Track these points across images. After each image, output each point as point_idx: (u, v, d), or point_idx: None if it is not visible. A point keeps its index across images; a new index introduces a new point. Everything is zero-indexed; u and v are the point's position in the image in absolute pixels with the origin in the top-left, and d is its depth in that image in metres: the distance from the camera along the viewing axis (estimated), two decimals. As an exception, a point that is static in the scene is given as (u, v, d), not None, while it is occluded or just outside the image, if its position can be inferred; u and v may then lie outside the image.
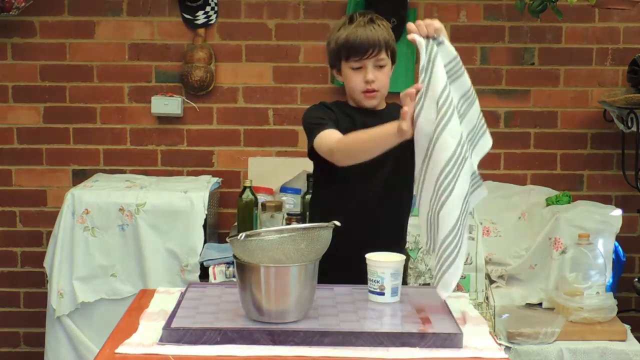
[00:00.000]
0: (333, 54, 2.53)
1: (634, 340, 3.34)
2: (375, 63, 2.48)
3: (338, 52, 2.50)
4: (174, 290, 2.38)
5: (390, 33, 2.52)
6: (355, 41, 2.46)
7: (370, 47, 2.45)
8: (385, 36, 2.48)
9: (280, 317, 1.98)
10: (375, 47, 2.45)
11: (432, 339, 1.93)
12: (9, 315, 4.13)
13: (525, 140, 4.07)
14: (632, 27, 4.02)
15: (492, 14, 4.01)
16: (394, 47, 2.52)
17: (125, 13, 4.00)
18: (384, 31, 2.49)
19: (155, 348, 1.91)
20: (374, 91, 2.49)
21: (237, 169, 4.07)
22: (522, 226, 3.83)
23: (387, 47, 2.48)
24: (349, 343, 1.92)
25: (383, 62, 2.48)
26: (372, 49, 2.45)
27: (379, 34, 2.46)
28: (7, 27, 3.97)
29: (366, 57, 2.46)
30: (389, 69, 2.52)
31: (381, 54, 2.47)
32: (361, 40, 2.45)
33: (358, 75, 2.49)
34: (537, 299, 3.56)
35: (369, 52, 2.46)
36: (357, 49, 2.45)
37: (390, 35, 2.51)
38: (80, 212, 3.54)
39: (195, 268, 3.53)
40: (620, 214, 3.67)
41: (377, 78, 2.48)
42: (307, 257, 2.02)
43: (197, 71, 3.92)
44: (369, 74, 2.47)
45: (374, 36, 2.46)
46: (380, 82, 2.50)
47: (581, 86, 4.05)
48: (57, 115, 4.04)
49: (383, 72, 2.50)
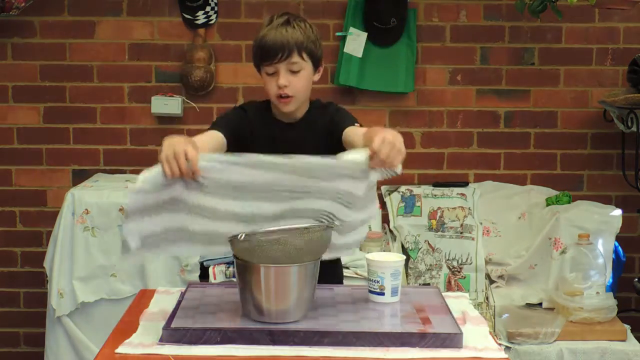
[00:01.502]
0: (253, 56, 2.44)
1: (634, 340, 3.34)
2: (288, 67, 2.36)
3: (255, 54, 2.41)
4: (174, 290, 2.38)
5: (307, 34, 2.38)
6: (265, 45, 2.34)
7: (279, 50, 2.33)
8: (299, 38, 2.34)
9: (280, 317, 1.98)
10: (284, 50, 2.33)
11: (432, 339, 1.93)
12: (9, 315, 4.13)
13: (525, 140, 4.07)
14: (632, 27, 4.02)
15: (492, 14, 4.01)
16: (312, 49, 2.38)
17: (125, 13, 4.00)
18: (299, 33, 2.36)
19: (155, 348, 1.91)
20: (288, 97, 2.38)
21: (237, 169, 4.06)
22: (522, 226, 3.83)
23: (301, 49, 2.35)
24: (349, 343, 1.92)
25: (296, 66, 2.36)
26: (282, 53, 2.33)
27: (289, 37, 2.33)
28: (7, 27, 3.97)
29: (277, 61, 2.34)
30: (306, 72, 2.39)
31: (293, 57, 2.35)
32: (270, 43, 2.33)
33: (272, 80, 2.38)
34: (537, 299, 3.56)
35: (279, 56, 2.34)
36: (267, 52, 2.34)
37: (307, 37, 2.37)
38: (80, 212, 3.54)
39: (195, 268, 3.53)
40: (620, 214, 3.67)
41: (290, 83, 2.36)
42: (307, 257, 2.02)
43: (197, 71, 3.92)
44: (281, 78, 2.35)
45: (283, 39, 2.33)
46: (295, 88, 2.37)
47: (581, 86, 4.05)
48: (57, 115, 4.03)
49: (298, 76, 2.37)
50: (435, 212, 3.84)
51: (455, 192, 3.90)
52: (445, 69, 4.03)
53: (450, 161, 4.07)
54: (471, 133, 4.06)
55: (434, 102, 4.03)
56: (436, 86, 4.03)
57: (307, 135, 2.44)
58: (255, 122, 2.46)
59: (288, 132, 2.45)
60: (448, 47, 4.02)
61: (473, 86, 4.04)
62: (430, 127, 4.03)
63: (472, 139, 4.06)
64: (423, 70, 4.02)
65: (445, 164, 4.06)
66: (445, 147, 4.06)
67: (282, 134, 2.45)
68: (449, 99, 4.04)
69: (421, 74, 4.01)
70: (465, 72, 4.03)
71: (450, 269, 3.74)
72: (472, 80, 4.04)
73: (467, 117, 4.05)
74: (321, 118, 2.46)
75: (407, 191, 3.89)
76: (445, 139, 4.05)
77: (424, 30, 4.00)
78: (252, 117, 2.47)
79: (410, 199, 3.88)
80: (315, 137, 2.43)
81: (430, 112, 4.03)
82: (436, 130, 4.04)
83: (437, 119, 4.04)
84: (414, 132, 4.03)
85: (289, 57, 2.34)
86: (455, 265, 3.74)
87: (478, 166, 4.07)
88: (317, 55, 2.41)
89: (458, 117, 4.05)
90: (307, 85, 2.41)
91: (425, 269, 3.74)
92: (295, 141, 2.40)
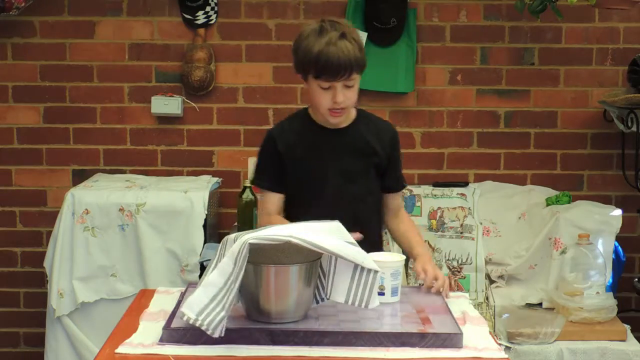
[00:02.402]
0: (300, 64, 2.43)
1: (634, 340, 3.34)
2: (345, 83, 2.39)
3: (307, 66, 2.40)
4: (174, 290, 2.38)
5: (361, 47, 2.40)
6: (327, 62, 2.34)
7: (341, 70, 2.35)
8: (357, 55, 2.37)
9: (280, 317, 1.98)
10: (346, 70, 2.35)
11: (432, 339, 1.93)
12: (9, 315, 4.13)
13: (525, 140, 4.07)
14: (632, 27, 4.02)
15: (492, 14, 4.00)
16: (364, 62, 2.42)
17: (125, 13, 4.00)
18: (356, 48, 2.37)
19: (155, 348, 1.91)
20: (342, 109, 2.43)
21: (237, 169, 4.07)
22: (522, 226, 3.83)
23: (358, 66, 2.38)
24: (349, 343, 1.92)
25: (352, 82, 2.40)
26: (343, 72, 2.35)
27: (350, 55, 2.34)
28: (7, 27, 3.97)
29: (336, 79, 2.37)
30: (357, 84, 2.44)
31: (352, 75, 2.38)
32: (332, 61, 2.33)
33: (326, 94, 2.40)
34: (537, 299, 3.56)
35: (340, 75, 2.36)
36: (328, 70, 2.35)
37: (362, 51, 2.40)
38: (80, 212, 3.53)
39: (195, 268, 3.53)
40: (620, 214, 3.67)
41: (346, 97, 2.41)
42: (307, 257, 2.02)
43: (197, 71, 3.92)
44: (339, 95, 2.38)
45: (346, 58, 2.34)
46: (349, 102, 2.43)
47: (581, 86, 4.04)
48: (57, 115, 4.03)
49: (352, 90, 2.42)
50: (435, 212, 3.84)
51: (455, 192, 3.90)
52: (445, 69, 4.02)
53: (450, 161, 4.07)
54: (471, 133, 4.05)
55: (434, 102, 4.03)
56: (436, 86, 4.03)
57: (350, 144, 2.53)
58: (297, 132, 2.54)
59: (332, 137, 2.52)
60: (448, 47, 4.02)
61: (473, 86, 4.04)
62: (430, 127, 4.03)
63: (472, 139, 4.06)
64: (423, 70, 4.02)
65: (445, 164, 4.06)
66: (445, 147, 4.05)
67: (326, 140, 2.52)
68: (449, 99, 4.04)
69: (421, 74, 4.01)
70: (465, 72, 4.03)
71: (450, 269, 3.74)
72: (472, 80, 4.04)
73: (467, 117, 4.05)
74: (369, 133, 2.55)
75: (407, 191, 3.88)
76: (445, 139, 4.05)
77: (424, 30, 4.00)
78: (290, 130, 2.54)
79: (410, 198, 3.87)
80: (358, 148, 2.53)
81: (430, 112, 4.03)
82: (436, 130, 4.04)
83: (437, 119, 4.04)
84: (414, 132, 4.03)
85: (349, 75, 2.37)
86: (455, 265, 3.74)
87: (478, 166, 4.07)
88: (365, 66, 2.45)
89: (458, 117, 4.05)
90: (356, 95, 2.47)
91: (425, 269, 3.73)
92: (338, 147, 2.51)
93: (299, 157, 2.51)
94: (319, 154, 2.51)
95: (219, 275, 1.90)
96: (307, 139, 2.53)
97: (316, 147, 2.52)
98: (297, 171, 2.52)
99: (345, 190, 2.52)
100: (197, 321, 1.86)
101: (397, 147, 2.60)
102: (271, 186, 2.55)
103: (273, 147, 2.53)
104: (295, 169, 2.52)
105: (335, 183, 2.51)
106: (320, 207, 2.46)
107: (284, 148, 2.52)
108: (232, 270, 1.89)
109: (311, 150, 2.52)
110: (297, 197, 2.54)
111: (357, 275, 1.99)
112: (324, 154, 2.51)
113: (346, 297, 2.00)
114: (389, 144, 2.57)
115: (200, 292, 1.89)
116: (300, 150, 2.52)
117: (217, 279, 1.90)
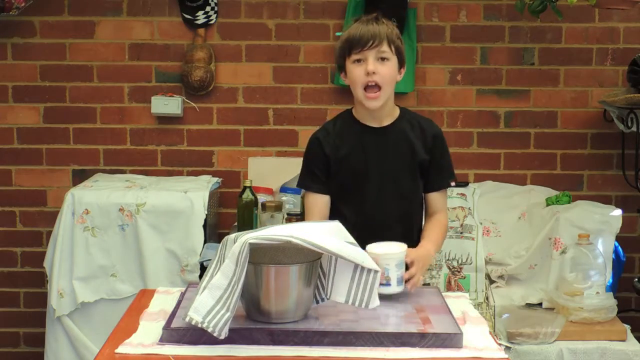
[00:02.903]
0: (339, 53, 2.55)
1: (633, 340, 3.34)
2: (377, 55, 2.47)
3: (342, 50, 2.52)
4: (174, 290, 2.38)
5: (395, 31, 2.51)
6: (356, 34, 2.47)
7: (370, 38, 2.45)
8: (388, 31, 2.48)
9: (280, 317, 1.98)
10: (375, 38, 2.45)
11: (432, 339, 1.93)
12: (9, 315, 4.13)
13: (525, 140, 4.07)
14: (632, 27, 4.02)
15: (492, 14, 4.00)
16: (398, 44, 2.51)
17: (125, 13, 4.00)
18: (387, 28, 2.49)
19: (155, 348, 1.91)
20: (376, 87, 2.47)
21: (237, 169, 4.07)
22: (522, 226, 3.83)
23: (390, 41, 2.48)
24: (349, 343, 1.92)
25: (385, 54, 2.47)
26: (373, 40, 2.45)
27: (379, 29, 2.47)
28: (7, 27, 3.97)
29: (367, 48, 2.46)
30: (393, 64, 2.50)
31: (382, 46, 2.46)
32: (362, 32, 2.46)
33: (359, 67, 2.48)
34: (537, 299, 3.56)
35: (369, 43, 2.45)
36: (358, 41, 2.46)
37: (395, 33, 2.51)
38: (80, 212, 3.53)
39: (195, 268, 3.53)
40: (620, 214, 3.67)
41: (378, 70, 2.46)
42: (307, 257, 2.02)
43: (197, 71, 3.92)
44: (370, 64, 2.46)
45: (374, 29, 2.46)
46: (382, 76, 2.47)
47: (581, 86, 4.04)
48: (57, 115, 4.03)
49: (386, 65, 2.48)
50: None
51: (455, 192, 3.90)
52: (445, 69, 4.02)
53: (450, 161, 4.06)
54: (471, 133, 4.06)
55: (434, 102, 4.03)
56: (436, 86, 4.03)
57: (393, 142, 2.55)
58: (341, 133, 2.58)
59: (376, 136, 2.56)
60: (448, 47, 4.02)
61: (473, 86, 4.04)
62: (430, 127, 4.02)
63: (472, 139, 4.06)
64: (423, 70, 4.02)
65: (445, 164, 4.06)
66: (445, 147, 4.05)
67: (370, 138, 2.55)
68: (449, 99, 4.04)
69: (421, 74, 4.01)
70: (465, 72, 4.03)
71: (450, 269, 3.74)
72: (472, 80, 4.04)
73: (467, 117, 4.05)
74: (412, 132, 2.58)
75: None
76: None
77: (424, 30, 4.00)
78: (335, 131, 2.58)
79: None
80: (400, 147, 2.55)
81: (430, 112, 4.02)
82: (436, 130, 4.04)
83: (437, 119, 4.04)
84: (414, 132, 4.02)
85: (379, 45, 2.46)
86: (455, 265, 3.74)
87: (478, 166, 4.07)
88: (402, 54, 2.53)
89: (458, 117, 4.05)
90: (393, 76, 2.51)
91: (425, 269, 3.73)
92: (381, 146, 2.53)
93: (343, 156, 2.56)
94: (362, 152, 2.55)
95: (222, 277, 1.91)
96: (350, 138, 2.57)
97: (359, 145, 2.56)
98: (342, 170, 2.56)
99: (388, 188, 2.55)
100: (204, 324, 1.86)
101: (440, 147, 2.61)
102: (318, 188, 2.58)
103: (319, 150, 2.58)
104: (340, 168, 2.56)
105: (378, 181, 2.54)
106: (364, 205, 2.53)
107: (330, 150, 2.56)
108: (234, 271, 1.90)
109: (355, 149, 2.56)
110: (343, 197, 2.58)
111: (357, 275, 1.99)
112: (367, 152, 2.55)
113: (346, 297, 2.01)
114: (432, 143, 2.58)
115: (206, 295, 1.90)
116: (344, 149, 2.56)
117: (221, 281, 1.90)
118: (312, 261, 2.01)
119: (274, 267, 1.97)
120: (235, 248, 1.91)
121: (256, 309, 1.99)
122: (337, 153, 2.56)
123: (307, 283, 2.00)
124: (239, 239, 1.94)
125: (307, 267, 1.99)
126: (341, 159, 2.56)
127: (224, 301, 1.89)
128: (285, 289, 1.97)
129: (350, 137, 2.57)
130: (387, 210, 2.54)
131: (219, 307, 1.89)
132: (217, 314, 1.88)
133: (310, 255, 2.01)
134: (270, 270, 1.96)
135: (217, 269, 1.96)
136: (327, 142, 2.57)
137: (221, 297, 1.89)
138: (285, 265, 1.98)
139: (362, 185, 2.55)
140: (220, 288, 1.90)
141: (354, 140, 2.56)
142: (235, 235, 2.00)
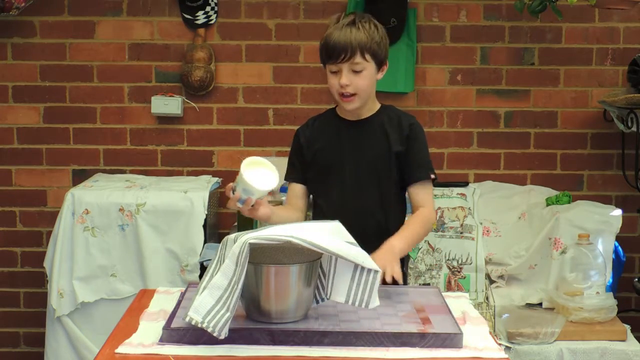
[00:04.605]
0: (320, 54, 2.55)
1: (634, 340, 3.34)
2: (351, 67, 2.45)
3: (321, 57, 2.53)
4: (174, 290, 2.38)
5: (372, 35, 2.46)
6: (329, 44, 2.45)
7: (342, 51, 2.43)
8: (362, 39, 2.43)
9: (280, 317, 1.98)
10: (347, 51, 2.43)
11: (432, 339, 1.93)
12: (9, 315, 4.13)
13: (525, 140, 4.07)
14: (632, 27, 4.02)
15: (492, 14, 4.00)
16: (375, 49, 2.46)
17: (125, 13, 4.00)
18: (363, 34, 2.44)
19: (155, 348, 1.91)
20: (351, 95, 2.49)
21: (237, 169, 4.04)
22: (522, 226, 3.83)
23: (364, 50, 2.44)
24: (349, 343, 1.92)
25: (359, 66, 2.45)
26: (345, 54, 2.43)
27: (353, 38, 2.43)
28: (7, 27, 3.97)
29: (339, 61, 2.45)
30: (368, 72, 2.48)
31: (355, 58, 2.44)
32: (334, 43, 2.44)
33: (335, 78, 2.48)
34: (537, 299, 3.56)
35: (342, 57, 2.44)
36: (331, 52, 2.45)
37: (371, 38, 2.45)
38: (80, 212, 3.54)
39: (195, 268, 3.53)
40: (620, 214, 3.67)
41: (352, 82, 2.46)
42: (307, 257, 2.02)
43: (197, 71, 3.92)
44: (343, 78, 2.46)
45: (347, 40, 2.42)
46: (356, 86, 2.47)
47: (581, 86, 4.05)
48: (57, 115, 4.03)
49: (360, 76, 2.47)
50: (435, 212, 3.84)
51: (455, 192, 3.90)
52: (445, 69, 4.03)
53: (450, 161, 4.07)
54: (471, 133, 4.06)
55: (434, 102, 4.04)
56: (436, 86, 4.03)
57: (369, 132, 2.57)
58: (320, 126, 2.63)
59: (352, 128, 2.58)
60: (448, 47, 4.02)
61: (473, 86, 4.04)
62: (430, 127, 4.03)
63: (472, 139, 4.06)
64: (423, 70, 4.02)
65: (445, 164, 4.06)
66: (445, 147, 4.05)
67: (346, 130, 2.58)
68: (449, 99, 4.04)
69: (421, 74, 4.01)
70: (465, 72, 4.03)
71: (450, 269, 3.74)
72: (472, 80, 4.04)
73: (467, 117, 4.05)
74: (389, 124, 2.57)
75: (407, 191, 3.88)
76: (445, 139, 4.05)
77: (424, 30, 4.00)
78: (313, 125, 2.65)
79: (410, 199, 3.87)
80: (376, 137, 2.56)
81: (430, 112, 4.03)
82: (436, 130, 4.04)
83: (437, 119, 4.04)
84: (414, 132, 4.02)
85: (351, 57, 2.44)
86: (455, 265, 3.74)
87: (478, 166, 4.07)
88: (381, 56, 2.50)
89: (458, 117, 4.05)
90: (369, 84, 2.51)
91: (425, 269, 3.74)
92: (356, 136, 2.56)
93: (319, 148, 2.60)
94: (338, 144, 2.58)
95: (222, 277, 1.91)
96: (328, 130, 2.61)
97: (335, 136, 2.59)
98: (317, 161, 2.60)
99: (364, 178, 2.55)
100: (204, 324, 1.87)
101: (415, 136, 2.56)
102: (293, 178, 2.65)
103: (297, 141, 2.65)
104: (316, 159, 2.60)
105: (354, 171, 2.55)
106: (341, 195, 2.56)
107: (305, 141, 2.62)
108: (234, 271, 1.90)
109: (330, 140, 2.59)
110: (321, 187, 2.61)
111: (357, 275, 2.00)
112: (342, 143, 2.58)
113: (346, 297, 2.01)
114: (408, 131, 2.56)
115: (206, 295, 1.90)
116: (320, 141, 2.60)
117: (221, 281, 1.91)
118: (312, 261, 2.01)
119: (274, 267, 1.97)
120: (235, 248, 1.92)
121: (256, 309, 1.99)
122: (313, 144, 2.61)
123: (307, 283, 2.00)
124: (239, 239, 1.94)
125: (307, 267, 1.99)
126: (316, 151, 2.60)
127: (224, 301, 1.89)
128: (285, 289, 1.97)
129: (328, 129, 2.61)
130: (362, 201, 2.55)
131: (219, 307, 1.89)
132: (217, 314, 1.88)
133: (310, 255, 2.01)
134: (270, 270, 1.96)
135: (217, 269, 1.96)
136: (304, 134, 2.64)
137: (221, 297, 1.90)
138: (285, 265, 1.98)
139: (337, 175, 2.57)
140: (220, 288, 1.90)
141: (331, 133, 2.60)
142: (235, 235, 2.00)
